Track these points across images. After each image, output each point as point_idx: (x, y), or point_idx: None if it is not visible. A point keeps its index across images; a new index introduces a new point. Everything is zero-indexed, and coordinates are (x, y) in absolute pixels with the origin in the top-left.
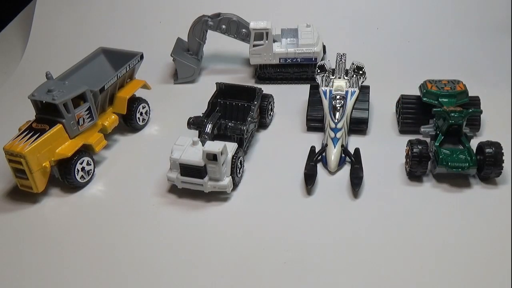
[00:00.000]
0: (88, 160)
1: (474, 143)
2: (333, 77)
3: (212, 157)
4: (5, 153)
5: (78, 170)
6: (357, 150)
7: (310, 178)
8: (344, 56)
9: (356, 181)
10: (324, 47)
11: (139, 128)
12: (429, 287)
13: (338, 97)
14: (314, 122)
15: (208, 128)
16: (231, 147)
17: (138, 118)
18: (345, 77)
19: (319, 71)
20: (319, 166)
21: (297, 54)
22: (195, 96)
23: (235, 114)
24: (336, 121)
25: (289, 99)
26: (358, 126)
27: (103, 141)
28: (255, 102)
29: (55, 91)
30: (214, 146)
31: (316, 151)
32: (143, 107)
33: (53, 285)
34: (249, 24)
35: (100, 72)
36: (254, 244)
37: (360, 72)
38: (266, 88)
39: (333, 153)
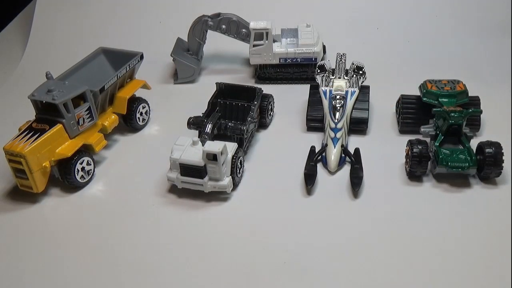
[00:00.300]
0: (88, 160)
1: (474, 143)
2: (333, 77)
3: (212, 157)
4: (5, 153)
5: (78, 170)
6: (357, 150)
7: (310, 178)
8: (344, 56)
9: (356, 181)
10: (324, 47)
11: (139, 128)
12: (429, 287)
13: (338, 97)
14: (314, 122)
15: (208, 128)
16: (231, 147)
17: (138, 118)
18: (345, 77)
19: (319, 71)
20: (319, 166)
21: (297, 54)
22: (195, 96)
23: (235, 114)
24: (336, 121)
25: (289, 99)
26: (358, 126)
27: (103, 141)
28: (255, 102)
29: (55, 91)
30: (214, 146)
31: (316, 151)
32: (143, 107)
33: (53, 285)
34: (249, 24)
35: (100, 72)
36: (254, 244)
37: (360, 72)
38: (266, 88)
39: (333, 153)
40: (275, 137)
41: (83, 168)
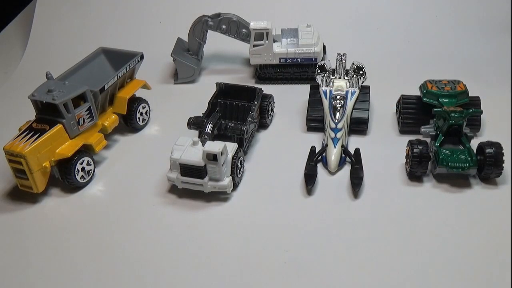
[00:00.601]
0: (88, 160)
1: (474, 143)
2: (333, 77)
3: (212, 157)
4: (5, 153)
5: (78, 170)
6: (357, 150)
7: (310, 178)
8: (344, 56)
9: (356, 181)
10: (324, 47)
11: (139, 128)
12: (429, 287)
13: (338, 97)
14: (314, 122)
15: (208, 128)
16: (231, 147)
17: (138, 118)
18: (345, 77)
19: (319, 71)
20: (319, 166)
21: (297, 54)
22: (195, 96)
23: (235, 114)
24: (336, 121)
25: (289, 99)
26: (358, 126)
27: (103, 141)
28: (255, 102)
29: (55, 91)
30: (214, 146)
31: (316, 151)
32: (143, 107)
33: (53, 285)
34: (249, 24)
35: (100, 72)
36: (254, 244)
37: (360, 72)
38: (266, 88)
39: (333, 153)
40: (275, 137)
41: (83, 168)
